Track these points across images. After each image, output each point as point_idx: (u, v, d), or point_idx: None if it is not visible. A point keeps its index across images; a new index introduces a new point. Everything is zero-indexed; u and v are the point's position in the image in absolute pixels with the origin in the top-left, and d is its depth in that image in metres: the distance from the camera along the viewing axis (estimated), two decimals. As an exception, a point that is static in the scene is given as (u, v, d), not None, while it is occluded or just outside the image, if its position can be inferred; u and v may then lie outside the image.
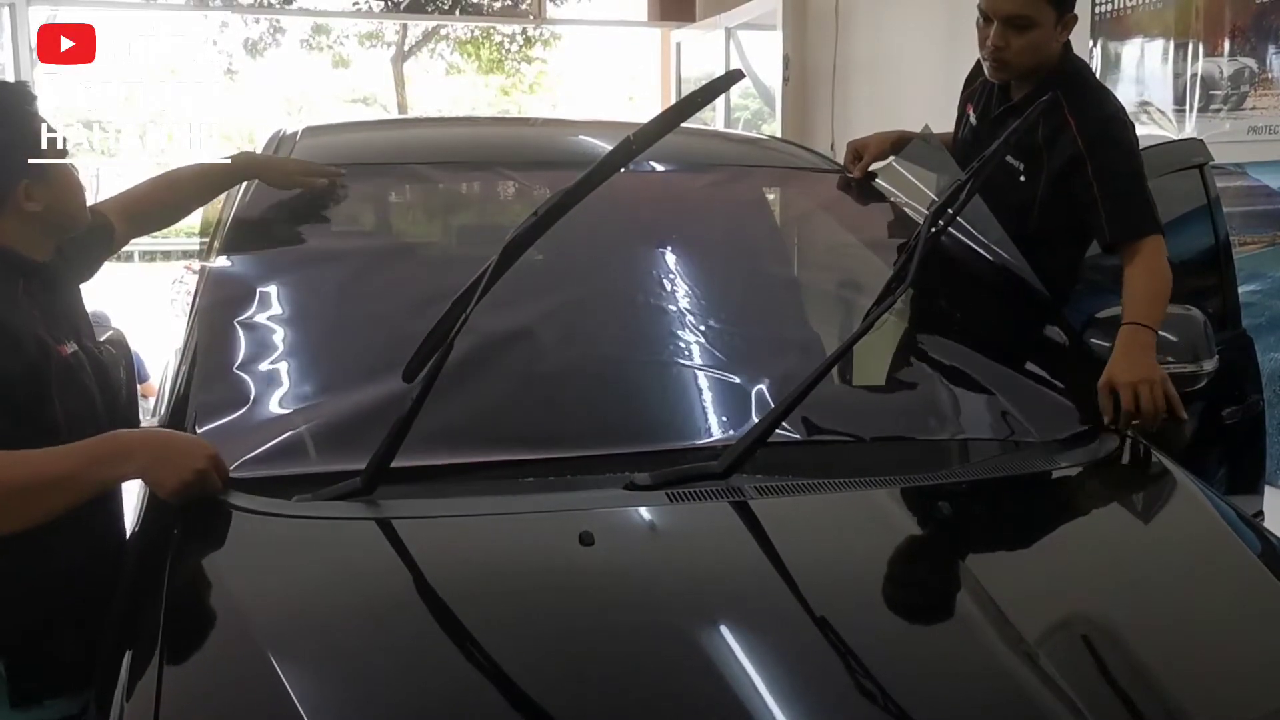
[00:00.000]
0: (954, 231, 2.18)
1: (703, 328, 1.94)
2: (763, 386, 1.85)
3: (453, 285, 1.61)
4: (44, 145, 1.58)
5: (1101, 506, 1.75)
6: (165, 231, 2.09)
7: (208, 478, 1.45)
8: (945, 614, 1.41)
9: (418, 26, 14.74)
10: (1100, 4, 4.25)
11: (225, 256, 1.95)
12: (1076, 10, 2.29)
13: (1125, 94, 4.01)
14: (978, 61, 2.50)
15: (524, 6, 8.48)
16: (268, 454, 1.58)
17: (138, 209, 1.94)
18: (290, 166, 2.18)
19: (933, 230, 1.90)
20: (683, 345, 1.91)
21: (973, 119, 2.49)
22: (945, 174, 2.35)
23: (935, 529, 1.64)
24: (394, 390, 1.60)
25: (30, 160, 1.55)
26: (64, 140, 1.61)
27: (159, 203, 2.01)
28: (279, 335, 1.81)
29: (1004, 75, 2.33)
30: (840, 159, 2.58)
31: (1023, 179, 2.29)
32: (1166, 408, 1.89)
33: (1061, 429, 1.86)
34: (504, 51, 15.49)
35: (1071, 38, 2.33)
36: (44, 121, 1.59)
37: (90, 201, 1.75)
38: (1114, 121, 2.26)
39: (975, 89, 2.51)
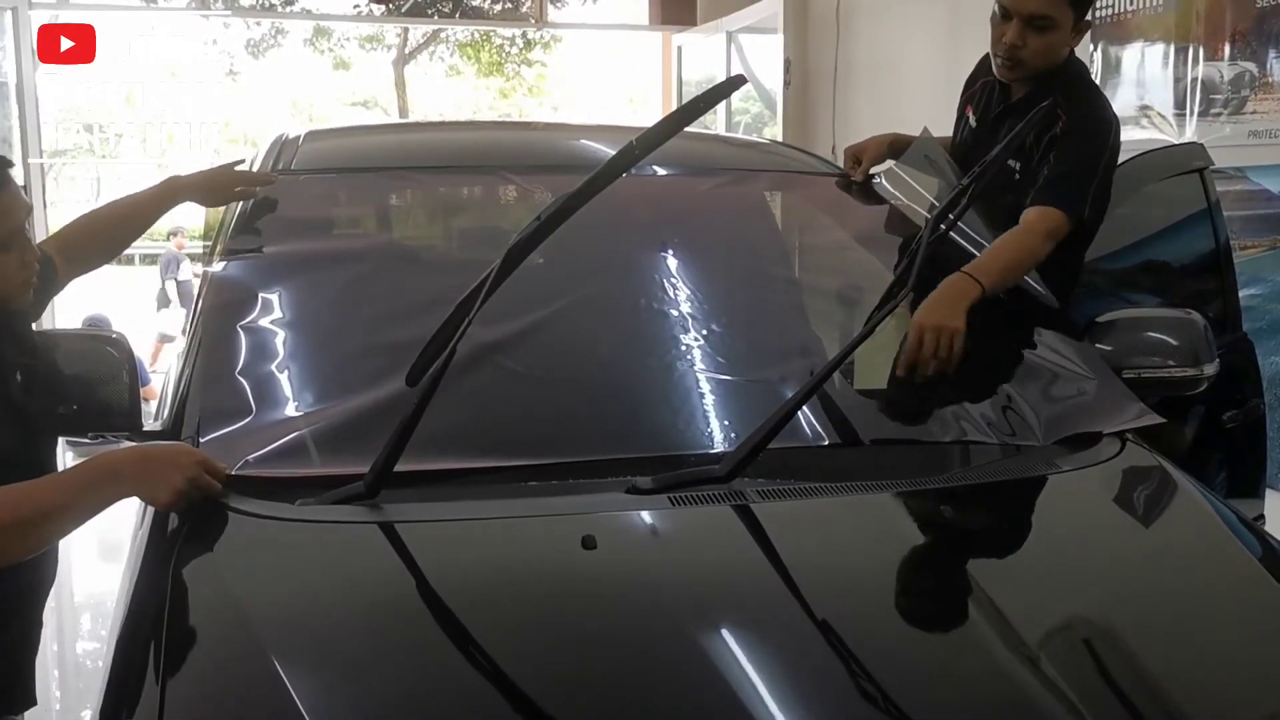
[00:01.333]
0: (955, 236, 2.18)
1: (705, 332, 1.94)
2: (765, 390, 1.85)
3: (455, 289, 1.61)
4: None
5: (1103, 510, 1.75)
6: (165, 234, 2.08)
7: (201, 482, 1.45)
8: (947, 618, 1.41)
9: (418, 29, 14.76)
10: (1100, 8, 4.25)
11: (227, 260, 1.95)
12: (1077, 14, 2.29)
13: (1125, 98, 4.01)
14: (978, 64, 2.51)
15: (524, 10, 8.48)
16: (271, 458, 1.58)
17: (75, 248, 1.90)
18: (222, 180, 2.10)
19: (934, 234, 1.91)
20: (685, 349, 1.91)
21: (972, 121, 2.50)
22: (946, 177, 2.36)
23: (938, 533, 1.64)
24: (397, 394, 1.60)
25: None
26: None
27: (94, 240, 1.96)
28: (282, 339, 1.81)
29: (1015, 74, 2.31)
30: (841, 162, 2.58)
31: (1018, 178, 2.31)
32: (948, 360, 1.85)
33: (1062, 432, 1.87)
34: (504, 55, 15.52)
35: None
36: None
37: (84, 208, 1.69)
38: (1100, 122, 2.27)
39: (975, 91, 2.51)
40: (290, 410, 1.69)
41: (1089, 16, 2.28)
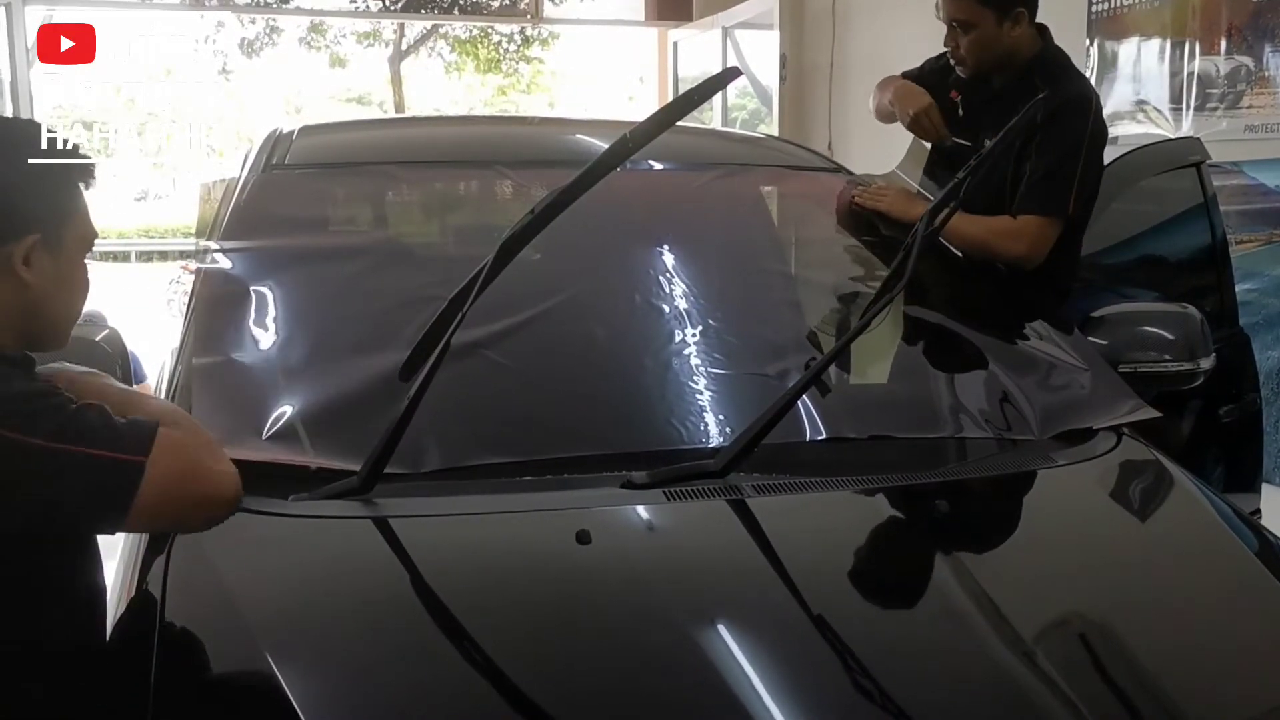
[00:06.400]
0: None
1: (700, 326, 1.93)
2: (760, 385, 1.85)
3: (449, 284, 1.61)
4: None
5: (1099, 505, 1.75)
6: (162, 231, 2.05)
7: None
8: (942, 612, 1.41)
9: (415, 25, 14.72)
10: (1096, 3, 4.24)
11: (221, 256, 1.94)
12: (1070, 9, 2.31)
13: (1122, 93, 4.01)
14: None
15: (522, 5, 8.47)
16: (264, 453, 1.58)
17: None
18: None
19: (929, 229, 1.90)
20: (680, 344, 1.90)
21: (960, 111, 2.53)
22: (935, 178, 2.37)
23: (932, 527, 1.64)
24: (391, 389, 1.59)
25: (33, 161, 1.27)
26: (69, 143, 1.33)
27: None
28: (275, 334, 1.81)
29: (965, 71, 2.45)
30: (838, 158, 2.58)
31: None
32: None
33: (1058, 426, 1.86)
34: (502, 51, 15.49)
35: (1068, 36, 2.35)
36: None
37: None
38: (1077, 100, 2.32)
39: (957, 76, 2.55)
40: (284, 405, 1.67)
41: (1019, 8, 2.35)
